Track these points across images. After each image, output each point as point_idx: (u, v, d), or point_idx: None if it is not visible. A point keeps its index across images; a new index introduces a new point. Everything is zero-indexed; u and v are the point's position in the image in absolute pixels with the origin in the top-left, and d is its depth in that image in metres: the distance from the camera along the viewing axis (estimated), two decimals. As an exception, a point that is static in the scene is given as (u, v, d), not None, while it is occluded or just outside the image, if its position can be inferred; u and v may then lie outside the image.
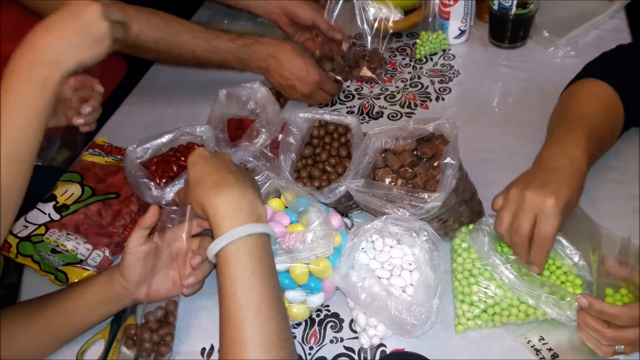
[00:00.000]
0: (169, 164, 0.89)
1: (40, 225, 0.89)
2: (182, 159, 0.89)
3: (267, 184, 0.77)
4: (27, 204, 0.89)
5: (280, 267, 0.70)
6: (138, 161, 0.89)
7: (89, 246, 0.87)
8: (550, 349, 0.68)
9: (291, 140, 0.87)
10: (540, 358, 0.67)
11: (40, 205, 0.93)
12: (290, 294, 0.73)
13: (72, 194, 0.95)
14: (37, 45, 0.66)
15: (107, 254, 0.88)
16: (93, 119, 0.91)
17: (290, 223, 0.76)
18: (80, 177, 0.98)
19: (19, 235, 0.89)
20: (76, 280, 0.85)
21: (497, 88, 1.12)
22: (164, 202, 0.82)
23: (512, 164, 0.92)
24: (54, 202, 0.94)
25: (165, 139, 0.91)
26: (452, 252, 0.78)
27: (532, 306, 0.70)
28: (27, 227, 0.90)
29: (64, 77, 0.68)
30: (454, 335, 0.72)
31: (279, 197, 0.79)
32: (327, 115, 0.90)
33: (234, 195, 0.64)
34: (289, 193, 0.76)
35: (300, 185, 0.83)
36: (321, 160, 0.88)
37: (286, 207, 0.79)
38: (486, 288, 0.72)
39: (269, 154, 0.90)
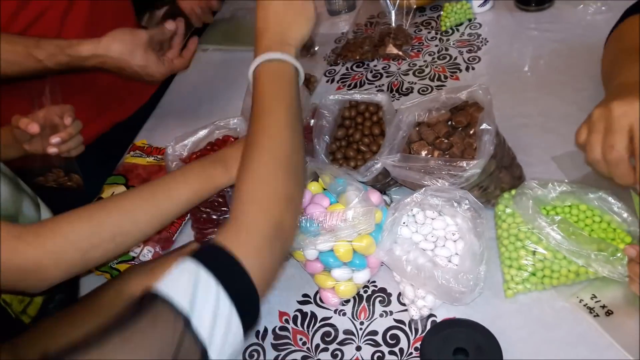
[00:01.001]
0: (208, 157, 0.91)
1: None
2: (220, 152, 0.91)
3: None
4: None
5: (324, 246, 0.71)
6: (178, 158, 0.91)
7: (140, 243, 0.91)
8: (603, 306, 0.67)
9: (323, 123, 0.88)
10: (594, 316, 0.66)
11: None
12: (337, 272, 0.74)
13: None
14: None
15: (158, 249, 0.91)
16: (74, 145, 0.93)
17: (330, 204, 0.77)
18: (125, 179, 1.02)
19: None
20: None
21: (528, 52, 1.10)
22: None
23: (549, 127, 0.91)
24: None
25: (201, 134, 0.93)
26: (496, 219, 0.77)
27: (582, 266, 0.69)
28: None
29: None
30: (504, 301, 0.72)
31: (317, 181, 0.80)
32: (357, 95, 0.90)
33: (278, 32, 0.70)
34: (326, 175, 0.77)
35: (336, 166, 0.84)
36: (355, 141, 0.88)
37: (324, 190, 0.80)
38: (534, 251, 0.72)
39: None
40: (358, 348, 0.73)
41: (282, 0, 0.71)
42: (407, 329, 0.73)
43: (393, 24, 1.22)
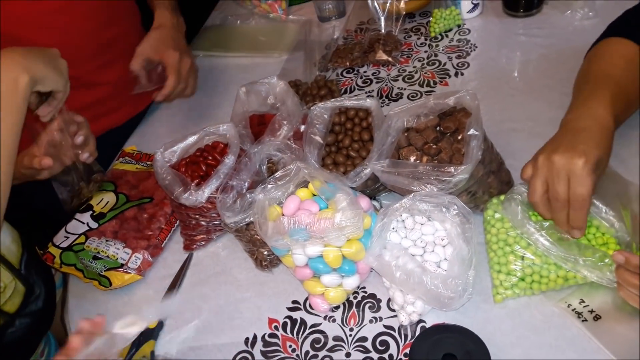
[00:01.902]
0: (198, 164, 0.91)
1: (80, 235, 0.94)
2: (209, 158, 0.91)
3: (294, 173, 0.78)
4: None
5: (313, 251, 0.71)
6: (167, 165, 0.91)
7: (129, 250, 0.90)
8: (592, 311, 0.67)
9: (314, 130, 0.88)
10: (583, 321, 0.67)
11: (78, 216, 0.97)
12: (326, 278, 0.74)
13: (108, 202, 0.99)
14: (7, 52, 0.75)
15: (147, 256, 0.90)
16: (92, 148, 0.93)
17: (320, 210, 0.77)
18: (114, 186, 1.02)
19: (61, 245, 0.93)
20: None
21: (516, 57, 1.10)
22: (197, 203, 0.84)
23: (537, 132, 0.91)
24: (91, 212, 0.98)
25: (190, 140, 0.93)
26: (485, 224, 0.78)
27: (570, 271, 0.69)
28: (67, 237, 0.95)
29: (33, 81, 0.75)
30: (493, 306, 0.72)
31: (306, 187, 0.80)
32: (346, 101, 0.90)
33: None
34: (317, 180, 0.77)
35: (327, 172, 0.84)
36: (344, 146, 0.88)
37: (314, 195, 0.80)
38: (522, 256, 0.72)
39: (293, 145, 0.91)
40: (348, 354, 0.72)
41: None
42: (396, 334, 0.73)
43: (383, 30, 1.23)
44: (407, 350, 0.70)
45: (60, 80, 0.80)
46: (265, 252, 0.83)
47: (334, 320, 0.77)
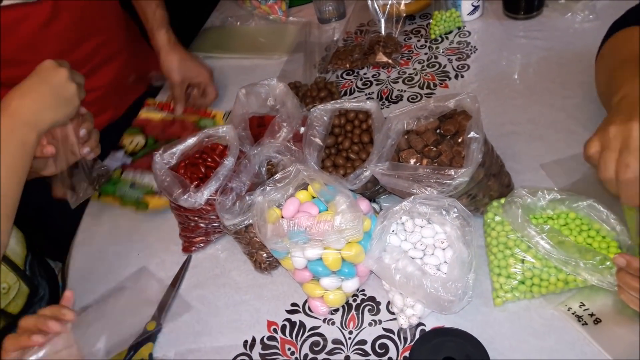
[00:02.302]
0: (197, 166, 0.90)
1: (116, 169, 1.08)
2: (209, 160, 0.91)
3: (293, 175, 0.77)
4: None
5: (312, 253, 0.71)
6: (167, 167, 0.90)
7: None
8: (592, 315, 0.67)
9: (313, 132, 0.88)
10: (583, 324, 0.66)
11: (111, 155, 1.11)
12: (325, 281, 0.74)
13: (138, 143, 1.13)
14: (15, 109, 0.75)
15: None
16: (95, 143, 0.93)
17: (319, 212, 0.76)
18: (142, 130, 1.16)
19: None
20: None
21: (517, 60, 1.10)
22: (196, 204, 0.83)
23: (538, 134, 0.92)
24: (123, 151, 1.12)
25: (190, 142, 0.92)
26: (485, 227, 0.77)
27: (570, 274, 0.69)
28: None
29: (40, 135, 0.77)
30: (493, 309, 0.72)
31: (306, 189, 0.80)
32: (346, 104, 0.90)
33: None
34: (317, 182, 0.77)
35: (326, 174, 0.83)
36: (344, 149, 0.88)
37: (314, 198, 0.79)
38: (523, 260, 0.71)
39: (293, 147, 0.91)
40: (347, 358, 0.72)
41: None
42: (396, 338, 0.72)
43: (383, 32, 1.23)
44: (407, 354, 0.70)
45: (70, 113, 0.82)
46: (265, 255, 0.83)
47: (333, 323, 0.76)
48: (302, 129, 0.92)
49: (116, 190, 1.04)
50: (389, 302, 0.76)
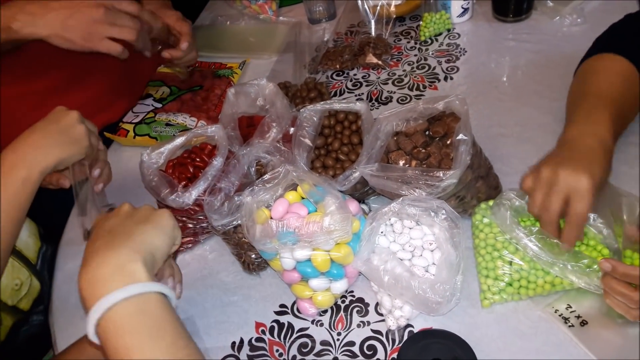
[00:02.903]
0: (185, 165, 0.90)
1: (148, 112, 1.15)
2: (197, 159, 0.90)
3: (283, 176, 0.77)
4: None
5: (301, 255, 0.71)
6: (154, 166, 0.90)
7: (194, 119, 1.11)
8: (578, 317, 0.67)
9: (303, 132, 0.88)
10: (570, 326, 0.67)
11: (140, 102, 1.19)
12: (314, 282, 0.74)
13: (164, 91, 1.20)
14: (21, 145, 0.75)
15: (210, 123, 1.06)
16: (106, 179, 0.94)
17: (309, 213, 0.76)
18: (163, 82, 1.23)
19: (134, 121, 1.13)
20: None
21: (505, 62, 1.11)
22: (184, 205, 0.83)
23: (526, 137, 0.92)
24: (152, 98, 1.19)
25: (178, 141, 0.92)
26: (473, 228, 0.78)
27: (558, 276, 0.69)
28: (137, 115, 1.15)
29: (44, 173, 0.75)
30: (481, 311, 0.72)
31: (295, 190, 0.80)
32: (336, 104, 0.90)
33: (93, 266, 0.53)
34: (306, 183, 0.77)
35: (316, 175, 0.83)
36: (334, 150, 0.88)
37: (303, 198, 0.79)
38: (510, 262, 0.72)
39: (282, 147, 0.90)
40: (335, 359, 0.72)
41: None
42: (384, 339, 0.73)
43: (373, 34, 1.23)
44: (395, 355, 0.70)
45: (78, 153, 0.81)
46: (253, 256, 0.83)
47: (321, 325, 0.76)
48: (292, 129, 0.92)
49: (151, 131, 1.10)
50: (377, 304, 0.76)
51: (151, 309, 0.52)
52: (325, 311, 0.77)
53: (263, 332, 0.77)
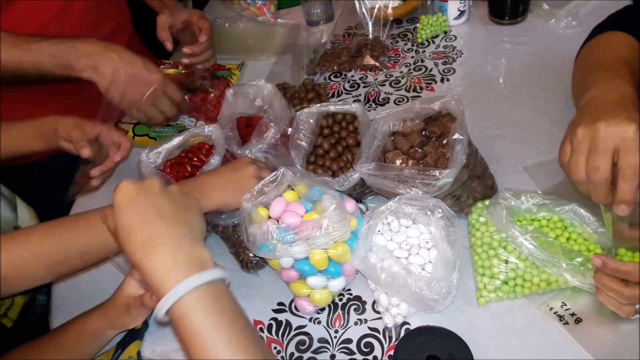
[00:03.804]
0: (183, 165, 0.90)
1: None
2: (195, 159, 0.91)
3: (280, 176, 0.78)
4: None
5: (299, 254, 0.71)
6: (152, 166, 0.90)
7: (192, 119, 1.12)
8: (573, 314, 0.68)
9: (300, 135, 0.88)
10: (564, 324, 0.68)
11: None
12: (312, 280, 0.74)
13: None
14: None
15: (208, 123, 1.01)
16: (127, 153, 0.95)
17: (306, 212, 0.77)
18: None
19: (133, 122, 1.14)
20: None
21: (501, 64, 1.12)
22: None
23: (521, 138, 0.93)
24: None
25: (175, 141, 0.92)
26: (469, 227, 0.78)
27: (553, 275, 0.70)
28: None
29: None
30: (477, 308, 0.73)
31: (293, 189, 0.80)
32: (332, 107, 0.90)
33: (168, 250, 0.54)
34: (302, 185, 0.77)
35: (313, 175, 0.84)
36: (331, 150, 0.89)
37: (300, 199, 0.80)
38: (506, 260, 0.73)
39: (280, 146, 0.91)
40: (332, 356, 0.73)
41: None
42: (381, 336, 0.73)
43: (370, 36, 1.24)
44: (392, 352, 0.71)
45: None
46: (251, 254, 0.83)
47: (319, 322, 0.77)
48: (290, 129, 0.92)
49: (150, 132, 1.11)
50: (374, 302, 0.77)
51: (223, 293, 0.55)
52: (322, 309, 0.78)
53: (261, 329, 0.78)
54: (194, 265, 0.54)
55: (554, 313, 0.69)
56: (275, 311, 0.80)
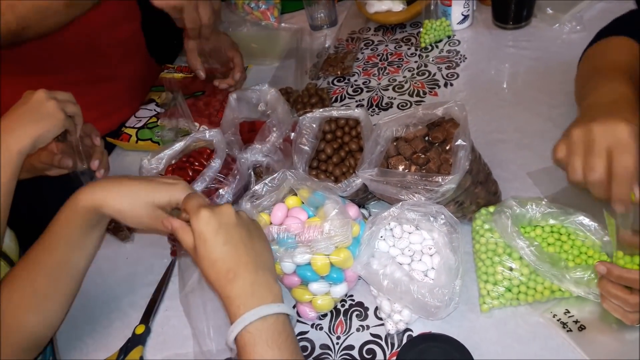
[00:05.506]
0: (184, 169, 0.90)
1: (151, 117, 1.17)
2: (196, 163, 0.91)
3: (282, 181, 0.78)
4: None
5: (301, 259, 0.71)
6: (154, 171, 0.90)
7: (196, 123, 1.10)
8: (576, 322, 0.68)
9: (302, 140, 0.88)
10: (568, 331, 0.67)
11: (142, 107, 1.20)
12: (314, 286, 0.74)
13: (167, 96, 1.21)
14: None
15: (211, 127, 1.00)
16: (105, 165, 0.95)
17: (308, 217, 0.77)
18: (165, 88, 1.24)
19: (136, 126, 1.16)
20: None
21: (505, 69, 1.11)
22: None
23: (524, 143, 0.93)
24: (154, 103, 1.21)
25: (177, 147, 0.92)
26: (473, 234, 0.78)
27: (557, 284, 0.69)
28: (139, 120, 1.17)
29: (23, 154, 0.77)
30: (480, 315, 0.72)
31: (295, 195, 0.80)
32: (334, 112, 0.90)
33: (247, 282, 0.61)
34: (305, 189, 0.77)
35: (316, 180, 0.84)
36: (334, 155, 0.89)
37: (302, 203, 0.80)
38: (510, 267, 0.72)
39: (281, 147, 0.91)
40: (334, 363, 0.72)
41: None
42: (383, 343, 0.73)
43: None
44: (394, 359, 0.70)
45: (54, 126, 0.81)
46: (253, 259, 0.83)
47: (321, 328, 0.77)
48: (292, 134, 0.92)
49: (153, 136, 1.12)
50: (376, 308, 0.76)
51: (287, 326, 0.61)
52: (324, 315, 0.78)
53: (263, 335, 0.78)
54: (268, 298, 0.61)
55: (558, 320, 0.69)
56: (277, 317, 0.80)
